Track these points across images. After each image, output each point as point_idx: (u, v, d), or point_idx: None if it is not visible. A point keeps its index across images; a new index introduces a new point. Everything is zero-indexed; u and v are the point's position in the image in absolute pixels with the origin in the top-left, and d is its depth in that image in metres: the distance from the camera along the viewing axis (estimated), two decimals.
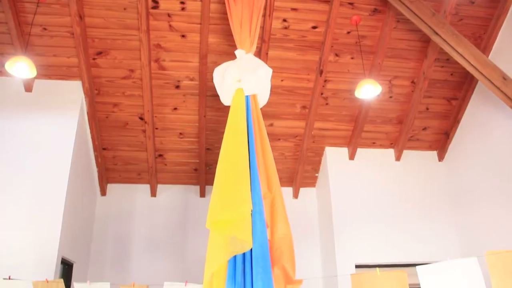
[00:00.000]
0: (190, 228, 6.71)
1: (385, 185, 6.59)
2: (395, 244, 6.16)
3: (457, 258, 3.25)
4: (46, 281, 4.09)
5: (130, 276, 6.14)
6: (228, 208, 2.95)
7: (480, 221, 5.94)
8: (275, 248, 3.02)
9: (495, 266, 3.17)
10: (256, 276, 2.79)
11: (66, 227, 5.11)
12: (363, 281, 3.14)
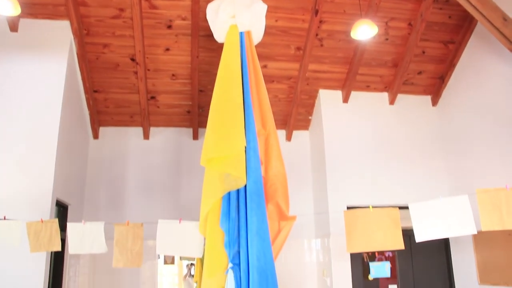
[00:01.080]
0: (184, 171, 6.75)
1: (378, 128, 6.61)
2: (387, 187, 6.27)
3: (448, 197, 3.30)
4: (41, 221, 4.13)
5: (124, 217, 6.21)
6: (222, 146, 2.93)
7: (470, 166, 6.02)
8: (269, 185, 3.04)
9: (484, 203, 3.23)
10: (251, 212, 2.81)
11: (59, 169, 5.11)
12: (356, 218, 3.19)
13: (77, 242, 3.83)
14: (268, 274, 2.74)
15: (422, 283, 6.43)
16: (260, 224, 2.79)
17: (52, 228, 4.08)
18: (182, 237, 3.33)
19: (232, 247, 2.81)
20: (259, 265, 2.70)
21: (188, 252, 3.34)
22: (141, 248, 3.58)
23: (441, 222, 3.18)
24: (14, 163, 4.89)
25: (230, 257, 2.81)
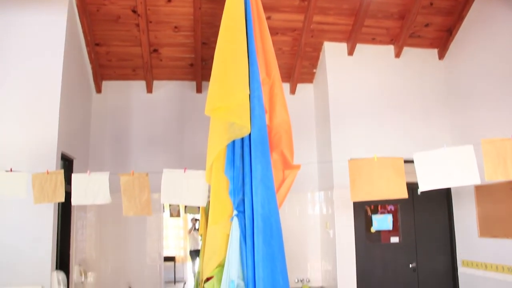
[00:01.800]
0: (188, 124, 6.75)
1: (383, 82, 6.54)
2: (390, 141, 6.27)
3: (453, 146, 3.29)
4: (46, 172, 4.16)
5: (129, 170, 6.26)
6: (226, 94, 2.91)
7: (476, 121, 5.99)
8: (273, 133, 3.03)
9: (489, 153, 3.23)
10: (255, 160, 2.82)
11: (63, 122, 5.10)
12: (360, 167, 3.20)
13: (81, 192, 3.87)
14: (273, 221, 2.77)
15: (423, 236, 6.54)
16: (265, 172, 2.80)
17: (57, 179, 4.11)
18: (186, 186, 3.36)
19: (237, 195, 2.84)
20: (263, 212, 2.73)
21: (193, 201, 3.38)
22: (149, 197, 3.62)
23: (445, 171, 3.19)
24: (17, 117, 4.88)
25: (235, 204, 2.84)
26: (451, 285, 6.51)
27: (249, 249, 2.74)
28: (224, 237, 2.89)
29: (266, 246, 2.69)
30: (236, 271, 2.74)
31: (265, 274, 2.66)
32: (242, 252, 2.77)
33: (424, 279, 6.46)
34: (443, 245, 6.58)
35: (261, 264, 2.66)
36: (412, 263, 6.45)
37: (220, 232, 2.89)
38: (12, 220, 4.71)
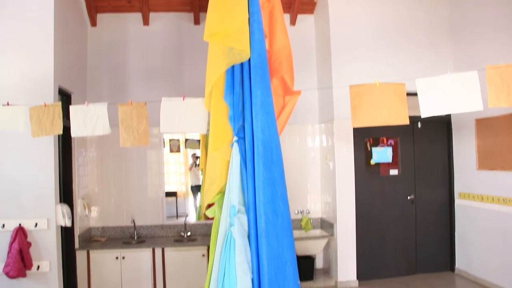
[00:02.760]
0: (185, 57, 6.63)
1: (386, 11, 6.34)
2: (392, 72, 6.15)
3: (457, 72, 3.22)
4: (44, 105, 4.10)
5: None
6: (225, 19, 2.80)
7: (480, 51, 5.86)
8: (273, 59, 2.96)
9: (493, 79, 3.16)
10: (255, 85, 2.76)
11: (58, 57, 4.98)
12: (362, 93, 3.14)
13: (80, 124, 3.82)
14: (273, 147, 2.76)
15: (422, 169, 6.60)
16: (265, 97, 2.76)
17: (55, 111, 4.06)
18: (185, 114, 3.32)
19: (237, 121, 2.80)
20: (264, 138, 2.71)
21: (193, 129, 3.35)
22: (147, 127, 3.59)
23: (448, 98, 3.13)
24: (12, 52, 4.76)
25: (235, 130, 2.81)
26: (447, 216, 6.65)
27: (250, 174, 2.74)
28: (224, 164, 2.89)
29: (266, 171, 2.69)
30: (237, 197, 2.76)
31: (265, 199, 2.68)
32: (242, 177, 2.78)
33: (422, 211, 6.59)
34: (441, 177, 6.66)
35: (262, 189, 2.67)
36: (411, 195, 6.55)
37: (220, 158, 2.88)
38: (13, 154, 4.73)
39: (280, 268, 2.72)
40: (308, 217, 6.63)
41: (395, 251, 6.50)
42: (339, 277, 6.13)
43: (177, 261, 5.81)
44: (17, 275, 4.52)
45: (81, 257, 5.70)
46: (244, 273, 2.60)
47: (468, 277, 6.24)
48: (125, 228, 6.46)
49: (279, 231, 2.73)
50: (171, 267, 5.81)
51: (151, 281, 5.79)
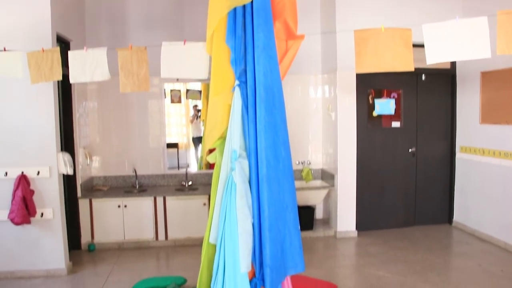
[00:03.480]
0: (187, 3, 6.45)
1: None
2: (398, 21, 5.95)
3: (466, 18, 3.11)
4: (42, 50, 4.02)
5: None
6: None
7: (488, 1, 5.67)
8: (277, 1, 2.85)
9: (504, 26, 3.06)
10: (257, 28, 2.69)
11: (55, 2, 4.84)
12: (366, 37, 3.06)
13: (79, 70, 3.76)
14: (275, 91, 2.72)
15: (425, 122, 6.56)
16: (267, 40, 2.69)
17: (53, 57, 3.99)
18: (186, 58, 3.25)
19: (239, 65, 2.75)
20: (266, 82, 2.67)
21: (194, 74, 3.30)
22: (147, 72, 3.53)
23: (455, 44, 3.05)
24: None
25: (237, 74, 2.76)
26: (447, 170, 6.67)
27: (251, 119, 2.71)
28: (225, 108, 2.85)
29: (268, 116, 2.66)
30: (238, 142, 2.74)
31: (267, 144, 2.66)
32: (244, 122, 2.75)
33: (422, 164, 6.60)
34: (443, 131, 6.63)
35: (263, 134, 2.65)
36: (412, 148, 6.54)
37: (221, 103, 2.85)
38: (14, 103, 4.71)
39: (280, 213, 2.74)
40: (309, 168, 6.66)
41: (394, 203, 6.56)
42: (338, 227, 6.22)
43: (178, 210, 5.89)
44: (22, 222, 4.60)
45: (83, 205, 5.77)
46: (245, 217, 2.62)
47: (465, 229, 6.34)
48: (127, 177, 6.51)
49: (280, 176, 2.73)
50: (172, 216, 5.89)
51: (153, 229, 5.89)
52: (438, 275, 4.72)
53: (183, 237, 5.96)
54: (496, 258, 5.21)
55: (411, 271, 4.84)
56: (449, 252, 5.52)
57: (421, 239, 6.04)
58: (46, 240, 4.86)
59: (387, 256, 5.37)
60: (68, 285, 4.67)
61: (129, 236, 5.87)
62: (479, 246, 5.65)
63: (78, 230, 5.79)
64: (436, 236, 6.14)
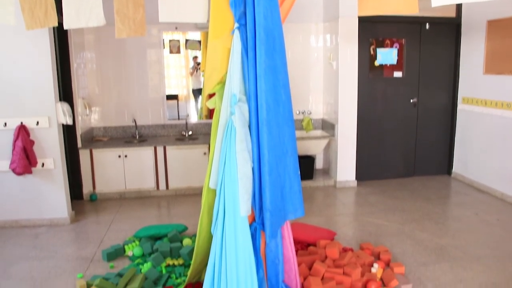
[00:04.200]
0: None
1: None
2: None
3: None
4: None
5: None
6: None
7: None
8: None
9: None
10: None
11: None
12: None
13: (73, 15, 3.65)
14: (275, 34, 2.64)
15: (427, 72, 6.47)
16: None
17: (47, 2, 3.86)
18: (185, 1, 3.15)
19: (238, 7, 2.65)
20: (266, 24, 2.59)
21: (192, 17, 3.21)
22: (143, 16, 3.42)
23: None
24: None
25: (236, 17, 2.67)
26: (449, 121, 6.64)
27: (251, 62, 2.65)
28: (225, 52, 2.79)
29: (268, 59, 2.60)
30: (237, 86, 2.69)
31: (267, 87, 2.62)
32: (243, 65, 2.69)
33: (423, 114, 6.57)
34: (446, 81, 6.56)
35: (263, 77, 2.60)
36: (413, 98, 6.49)
37: (220, 46, 2.78)
38: (10, 54, 4.61)
39: (280, 158, 2.73)
40: (310, 118, 6.64)
41: (394, 153, 6.58)
42: (338, 177, 6.27)
43: (178, 159, 5.91)
44: (23, 172, 4.62)
45: (84, 155, 5.78)
46: (245, 161, 2.61)
47: (463, 180, 6.38)
48: (127, 128, 6.49)
49: (280, 121, 2.70)
50: (173, 165, 5.92)
51: (153, 178, 5.93)
52: (435, 223, 4.78)
53: (184, 187, 6.02)
54: (493, 208, 5.27)
55: (409, 220, 4.91)
56: (447, 202, 5.58)
57: (420, 189, 6.09)
58: (48, 190, 4.90)
59: (385, 205, 5.44)
60: (71, 233, 4.75)
61: (130, 186, 5.92)
62: (477, 197, 5.71)
63: (80, 180, 5.83)
64: (435, 187, 6.19)
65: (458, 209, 5.25)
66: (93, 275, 3.69)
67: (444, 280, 3.53)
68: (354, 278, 3.42)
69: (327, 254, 3.78)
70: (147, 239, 4.31)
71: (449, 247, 4.15)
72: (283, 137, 2.73)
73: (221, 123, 2.77)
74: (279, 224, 2.80)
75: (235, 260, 2.63)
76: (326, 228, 4.50)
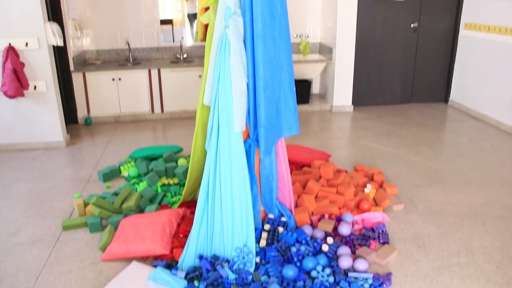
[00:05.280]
0: None
1: None
2: None
3: None
4: None
5: None
6: None
7: None
8: None
9: None
10: None
11: None
12: None
13: None
14: None
15: None
16: None
17: None
18: None
19: None
20: None
21: None
22: None
23: None
24: None
25: None
26: (449, 47, 6.50)
27: None
28: None
29: None
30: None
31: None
32: None
33: (424, 40, 6.41)
34: (448, 6, 6.33)
35: None
36: (414, 23, 6.30)
37: None
38: None
39: (276, 73, 2.67)
40: (307, 41, 6.49)
41: (392, 80, 6.49)
42: (334, 102, 6.22)
43: (173, 82, 5.84)
44: (15, 95, 4.55)
45: (77, 79, 5.68)
46: (239, 77, 2.55)
47: (460, 108, 6.35)
48: (120, 51, 6.34)
49: (276, 35, 2.61)
50: (168, 88, 5.86)
51: (148, 102, 5.89)
52: (430, 149, 4.81)
53: (179, 110, 5.99)
54: (487, 135, 5.28)
55: (404, 144, 4.93)
56: (443, 128, 5.58)
57: (416, 115, 6.08)
58: (42, 113, 4.86)
59: (381, 130, 5.44)
60: (67, 156, 4.76)
61: (125, 109, 5.88)
62: (472, 124, 5.70)
63: (74, 104, 5.77)
64: (431, 114, 6.18)
65: (453, 136, 5.26)
66: (90, 194, 3.74)
67: (435, 201, 3.59)
68: (347, 197, 3.47)
69: (321, 174, 3.82)
70: (142, 160, 4.33)
71: (442, 171, 4.20)
72: (279, 52, 2.65)
73: (215, 38, 2.67)
74: (274, 141, 2.79)
75: (229, 176, 2.64)
76: (321, 150, 4.51)
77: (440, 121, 5.85)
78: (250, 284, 2.49)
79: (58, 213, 3.49)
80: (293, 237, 2.84)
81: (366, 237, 2.96)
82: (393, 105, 6.57)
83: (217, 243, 2.72)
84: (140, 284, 2.49)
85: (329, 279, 2.54)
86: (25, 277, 2.68)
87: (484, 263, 2.74)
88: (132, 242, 2.80)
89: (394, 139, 5.12)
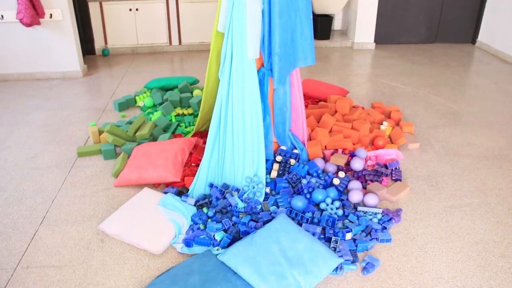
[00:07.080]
0: None
1: None
2: None
3: None
4: None
5: None
6: None
7: None
8: None
9: None
10: None
11: None
12: None
13: None
14: None
15: None
16: None
17: None
18: None
19: None
20: None
21: None
22: None
23: None
24: None
25: None
26: None
27: None
28: None
29: None
30: None
31: None
32: None
33: None
34: None
35: None
36: None
37: None
38: None
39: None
40: None
41: (417, 17, 6.21)
42: (356, 39, 6.03)
43: (191, 14, 5.73)
44: (31, 23, 4.51)
45: (94, 9, 5.59)
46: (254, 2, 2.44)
47: (488, 50, 6.08)
48: None
49: None
50: (185, 20, 5.75)
51: (166, 33, 5.80)
52: (451, 89, 4.67)
53: (196, 42, 5.91)
54: None
55: (424, 84, 4.79)
56: (467, 69, 5.39)
57: (440, 56, 5.86)
58: (59, 42, 4.84)
59: (402, 69, 5.29)
60: (84, 85, 4.77)
61: (143, 40, 5.81)
62: (499, 67, 5.48)
63: (91, 34, 5.71)
64: (457, 54, 5.95)
65: (477, 78, 5.08)
66: (105, 123, 3.77)
67: (452, 142, 3.52)
68: (362, 133, 3.42)
69: (337, 109, 3.76)
70: (158, 90, 4.31)
71: (462, 112, 4.09)
72: None
73: None
74: (288, 70, 2.72)
75: (241, 105, 2.60)
76: (339, 86, 4.42)
77: (465, 62, 5.63)
78: (259, 213, 2.52)
79: (73, 140, 3.54)
80: (304, 169, 2.83)
81: (378, 173, 2.94)
82: (416, 44, 6.34)
83: (227, 172, 2.73)
84: (151, 209, 2.53)
85: (337, 212, 2.55)
86: (42, 199, 2.76)
87: (497, 205, 2.71)
88: (144, 169, 2.83)
89: (415, 78, 4.98)
